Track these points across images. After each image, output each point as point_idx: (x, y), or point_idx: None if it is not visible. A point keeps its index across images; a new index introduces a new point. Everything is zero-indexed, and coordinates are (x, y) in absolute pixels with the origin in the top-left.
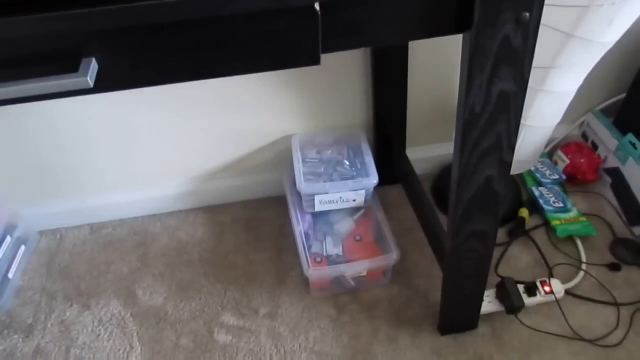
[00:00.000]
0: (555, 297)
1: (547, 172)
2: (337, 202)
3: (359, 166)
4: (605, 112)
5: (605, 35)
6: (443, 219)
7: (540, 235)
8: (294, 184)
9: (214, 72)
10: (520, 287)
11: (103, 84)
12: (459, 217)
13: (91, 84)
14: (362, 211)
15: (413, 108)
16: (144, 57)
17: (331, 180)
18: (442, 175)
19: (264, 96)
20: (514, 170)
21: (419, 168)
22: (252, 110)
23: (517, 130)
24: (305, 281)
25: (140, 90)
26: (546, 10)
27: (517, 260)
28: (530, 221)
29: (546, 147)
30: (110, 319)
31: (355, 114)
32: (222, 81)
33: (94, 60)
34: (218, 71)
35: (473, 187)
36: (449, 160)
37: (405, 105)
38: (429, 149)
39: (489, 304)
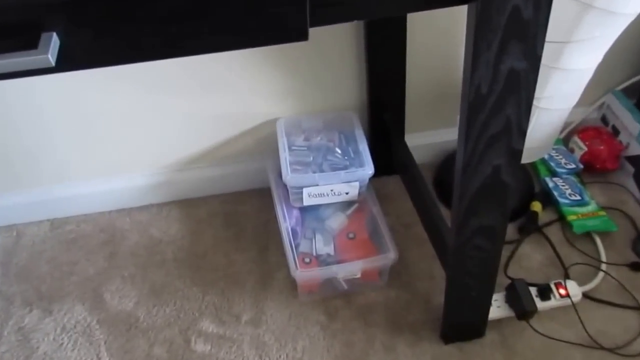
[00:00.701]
0: (572, 301)
1: (563, 161)
2: (327, 195)
3: (352, 155)
4: (627, 92)
5: (628, 6)
6: (446, 214)
7: (554, 232)
8: (280, 174)
9: (189, 49)
10: (533, 290)
11: (66, 62)
12: (464, 212)
13: (53, 62)
14: (355, 205)
15: (412, 89)
16: (111, 31)
17: (321, 170)
18: (445, 165)
19: (246, 75)
20: (525, 159)
21: (419, 157)
22: (232, 91)
23: (528, 114)
24: (292, 284)
25: (106, 68)
26: None
27: (528, 259)
28: (544, 216)
29: (561, 132)
30: (75, 326)
31: (348, 95)
32: (198, 58)
33: (55, 35)
34: (193, 48)
35: (479, 177)
36: (453, 147)
37: (404, 86)
38: (430, 136)
39: (498, 308)
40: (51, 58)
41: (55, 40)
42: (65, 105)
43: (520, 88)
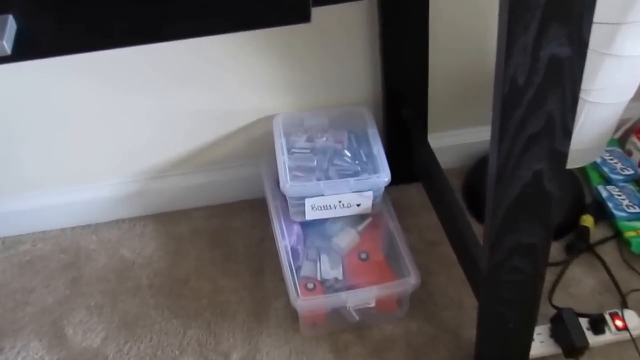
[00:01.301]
0: (631, 335)
1: (619, 166)
2: (335, 207)
3: (364, 159)
4: None
5: None
6: (478, 230)
7: (609, 252)
8: (277, 183)
9: (167, 35)
10: (584, 322)
11: (24, 51)
12: (499, 227)
13: (9, 51)
14: (369, 220)
15: (437, 80)
16: (75, 14)
17: (327, 178)
18: (477, 171)
19: (236, 65)
20: (572, 164)
21: (445, 161)
22: (219, 83)
23: (575, 109)
24: (293, 315)
25: (67, 58)
26: None
27: (578, 285)
28: (597, 232)
29: (616, 132)
30: None
31: (359, 87)
32: (178, 45)
33: (11, 18)
34: (172, 33)
35: (517, 186)
36: (485, 150)
37: (427, 77)
38: (458, 136)
39: (542, 344)
40: (7, 46)
41: (11, 25)
42: (18, 103)
43: (564, 79)
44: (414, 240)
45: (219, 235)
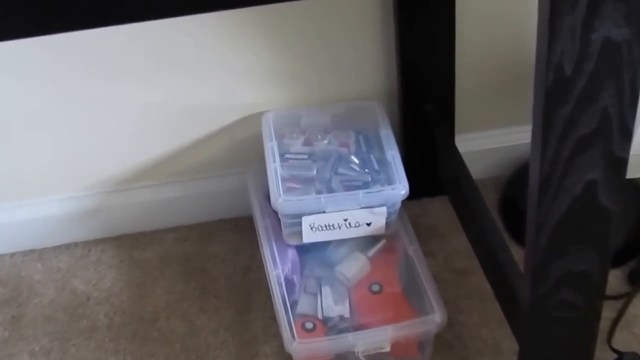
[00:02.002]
0: None
1: None
2: (339, 227)
3: (375, 166)
4: None
5: None
6: (519, 254)
7: None
8: (267, 196)
9: (130, 15)
10: None
11: None
12: (544, 251)
13: None
14: (382, 243)
15: (466, 69)
16: None
17: (330, 190)
18: (516, 182)
19: (216, 48)
20: (632, 172)
21: (477, 169)
22: (196, 72)
23: (635, 104)
24: None
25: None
26: None
27: None
28: None
29: None
30: None
31: (370, 77)
32: (145, 27)
33: None
34: (135, 12)
35: (565, 199)
36: (526, 155)
37: (453, 65)
38: (493, 137)
39: None
40: None
41: None
42: None
43: (621, 67)
44: (439, 268)
45: (194, 262)
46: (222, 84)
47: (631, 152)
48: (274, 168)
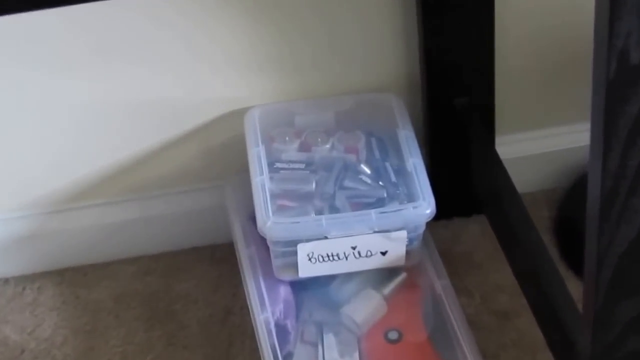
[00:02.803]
0: None
1: None
2: (346, 257)
3: (392, 177)
4: None
5: None
6: (577, 290)
7: None
8: (252, 218)
9: None
10: None
11: None
12: (607, 288)
13: None
14: (401, 277)
15: (507, 51)
16: None
17: (333, 209)
18: (575, 196)
19: (183, 28)
20: None
21: (523, 180)
22: (156, 58)
23: None
24: None
25: None
26: None
27: None
28: None
29: None
30: None
31: (385, 62)
32: (99, 6)
33: None
34: None
35: (634, 223)
36: (585, 163)
37: (492, 46)
38: (544, 139)
39: None
40: None
41: None
42: None
43: None
44: (475, 309)
45: (159, 303)
46: (192, 73)
47: None
48: (261, 181)
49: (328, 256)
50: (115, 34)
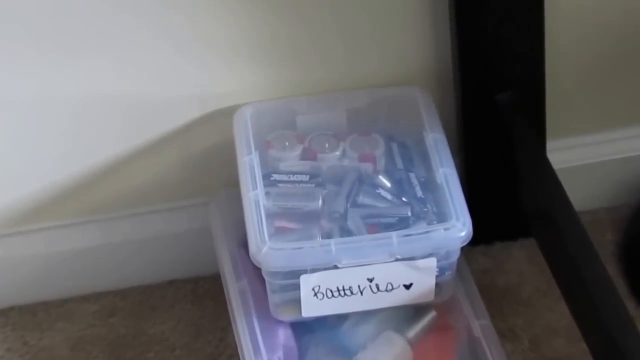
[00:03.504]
0: None
1: None
2: (361, 292)
3: (418, 192)
4: None
5: None
6: None
7: None
8: (243, 244)
9: None
10: None
11: None
12: None
13: None
14: (430, 316)
15: (559, 40)
16: None
17: (344, 232)
18: None
19: (160, 8)
20: None
21: (582, 195)
22: (122, 45)
23: None
24: None
25: None
26: None
27: None
28: None
29: None
30: None
31: (410, 48)
32: None
33: None
34: None
35: None
36: None
37: (542, 33)
38: (606, 144)
39: None
40: None
41: None
42: None
43: None
44: (523, 355)
45: (127, 350)
46: (166, 63)
47: None
48: (255, 197)
49: (338, 290)
50: (66, 15)
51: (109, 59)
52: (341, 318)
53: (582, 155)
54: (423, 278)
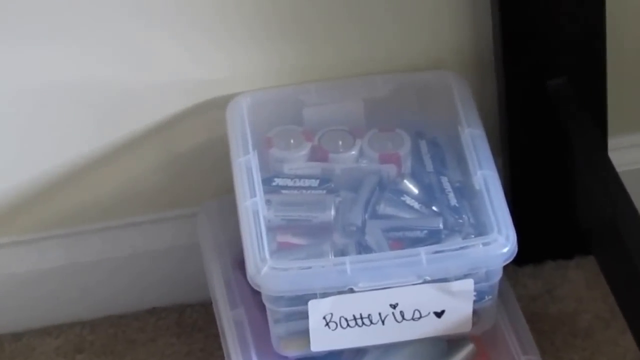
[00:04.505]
0: None
1: None
2: (382, 320)
3: (452, 200)
4: None
5: None
6: None
7: None
8: (239, 263)
9: None
10: None
11: None
12: None
13: None
14: (468, 349)
15: (622, 21)
16: None
17: (363, 248)
18: None
19: None
20: None
21: None
22: (100, 21)
23: None
24: None
25: None
26: None
27: None
28: None
29: None
30: None
31: (439, 28)
32: None
33: None
34: None
35: None
36: None
37: (602, 8)
38: None
39: None
40: None
41: None
42: None
43: None
44: None
45: None
46: (146, 43)
47: None
48: (253, 207)
49: (355, 319)
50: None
51: (72, 38)
52: (358, 353)
53: None
54: (458, 304)
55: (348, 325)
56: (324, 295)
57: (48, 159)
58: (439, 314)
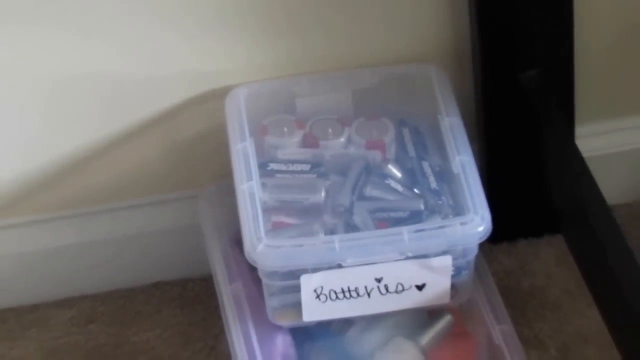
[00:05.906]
0: None
1: None
2: (368, 293)
3: (432, 183)
4: None
5: None
6: None
7: None
8: (237, 241)
9: None
10: None
11: None
12: None
13: None
14: (445, 321)
15: (589, 14)
16: None
17: (350, 227)
18: None
19: None
20: None
21: (615, 188)
22: (101, 16)
23: None
24: None
25: None
26: None
27: None
28: None
29: None
30: None
31: (421, 24)
32: None
33: None
34: None
35: None
36: None
37: (570, 7)
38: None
39: None
40: None
41: None
42: None
43: None
44: None
45: None
46: (148, 37)
47: None
48: (249, 189)
49: (343, 292)
50: None
51: (80, 32)
52: (346, 323)
53: (615, 142)
54: (437, 278)
55: (337, 297)
56: (315, 270)
57: (59, 145)
58: (420, 287)
